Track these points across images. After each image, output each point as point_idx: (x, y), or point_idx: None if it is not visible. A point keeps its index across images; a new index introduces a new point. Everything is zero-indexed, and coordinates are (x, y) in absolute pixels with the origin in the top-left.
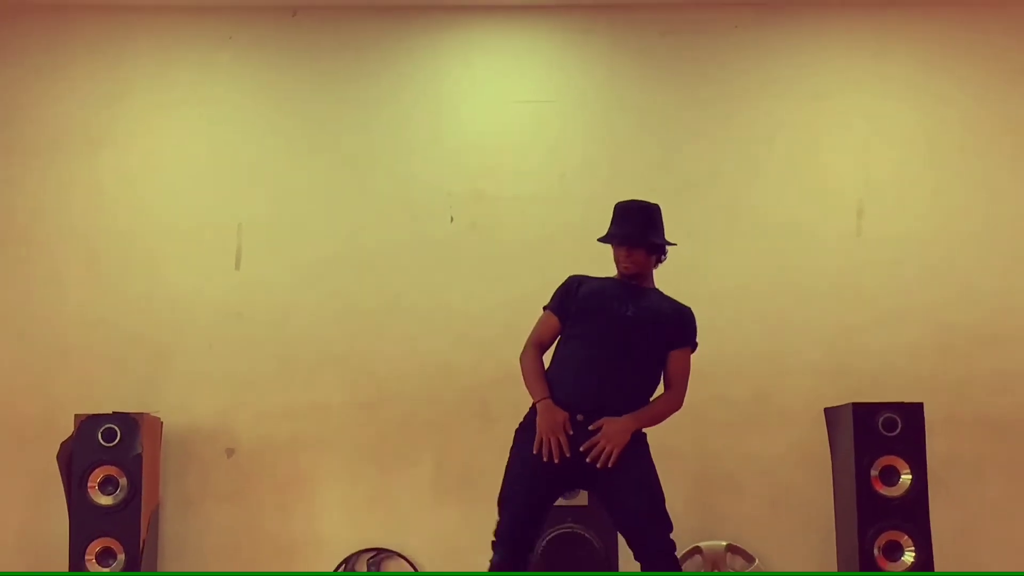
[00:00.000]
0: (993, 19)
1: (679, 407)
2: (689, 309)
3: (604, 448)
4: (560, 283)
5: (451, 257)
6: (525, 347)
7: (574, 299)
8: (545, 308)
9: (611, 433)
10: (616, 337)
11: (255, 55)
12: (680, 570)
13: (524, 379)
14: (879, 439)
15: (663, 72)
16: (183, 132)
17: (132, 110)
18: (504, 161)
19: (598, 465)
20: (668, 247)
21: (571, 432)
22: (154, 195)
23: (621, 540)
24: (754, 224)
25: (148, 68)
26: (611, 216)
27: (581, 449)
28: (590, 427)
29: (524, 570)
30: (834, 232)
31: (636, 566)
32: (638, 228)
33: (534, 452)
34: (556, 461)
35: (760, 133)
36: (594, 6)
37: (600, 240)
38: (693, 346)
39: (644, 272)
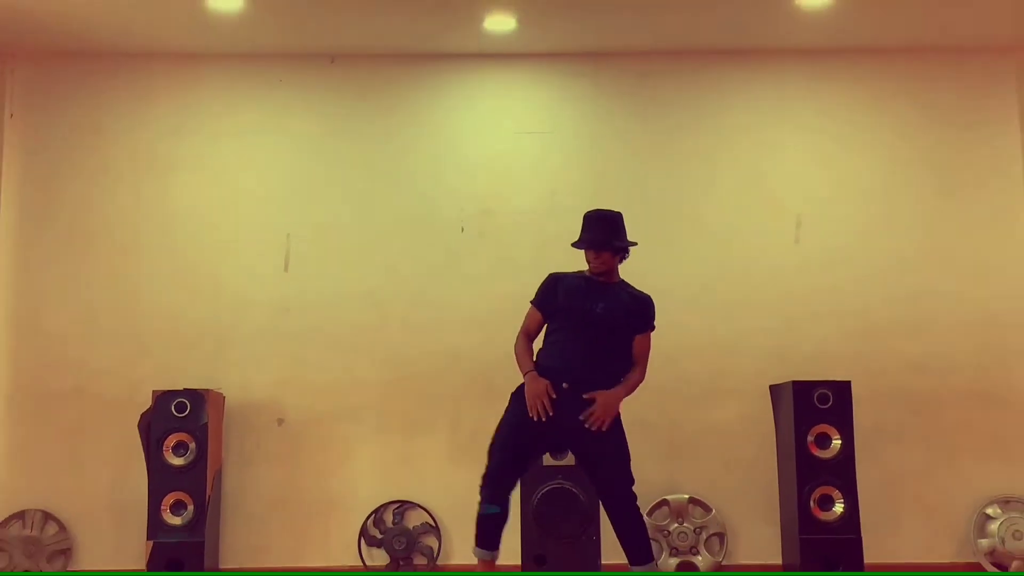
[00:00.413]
0: (910, 67)
1: (643, 379)
2: (648, 297)
3: (600, 416)
4: (543, 280)
5: (462, 261)
6: (517, 337)
7: (554, 296)
8: (531, 303)
9: (605, 404)
10: (590, 329)
11: (301, 95)
12: (639, 515)
13: (516, 360)
14: (814, 411)
15: (637, 108)
16: (241, 158)
17: (200, 140)
18: (506, 182)
19: (593, 429)
20: (630, 247)
21: (554, 396)
22: (217, 210)
23: None
24: (711, 233)
25: (213, 105)
26: (582, 224)
27: (580, 418)
28: (584, 396)
29: (505, 506)
30: (777, 240)
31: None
32: (604, 234)
33: (527, 416)
34: (543, 420)
35: (717, 158)
36: (581, 54)
37: (573, 245)
38: (652, 328)
39: (611, 269)
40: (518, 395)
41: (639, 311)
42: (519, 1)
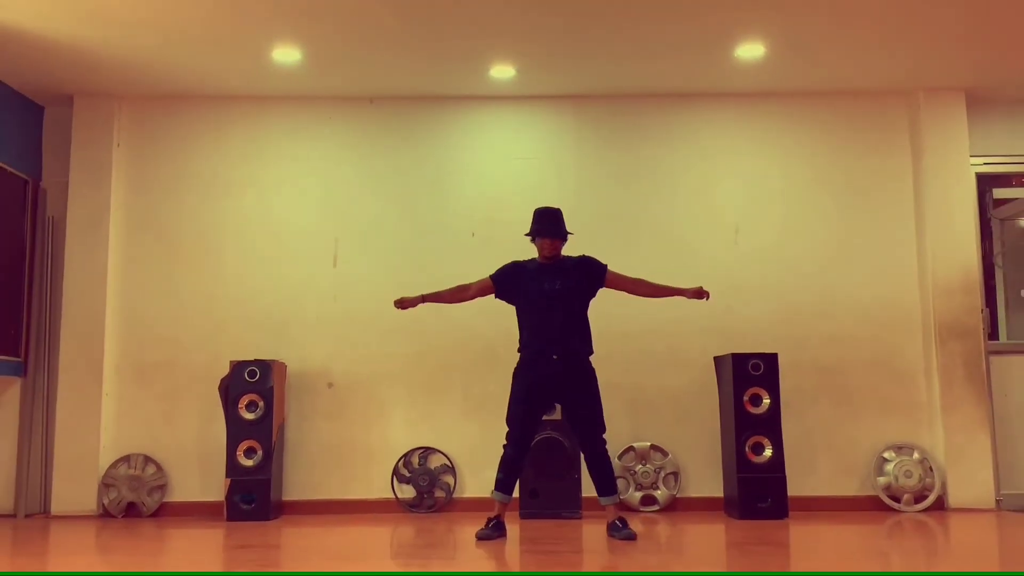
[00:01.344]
0: (825, 106)
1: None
2: (585, 256)
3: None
4: (505, 263)
5: (473, 258)
6: (459, 285)
7: (513, 279)
8: (490, 276)
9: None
10: (554, 304)
11: (347, 128)
12: (607, 457)
13: (452, 295)
14: (749, 377)
15: (611, 140)
16: (299, 178)
17: (266, 164)
18: (506, 196)
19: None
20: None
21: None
22: (279, 219)
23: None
24: (667, 238)
25: (276, 137)
26: (534, 218)
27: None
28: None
29: (525, 458)
30: (719, 242)
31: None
32: (556, 226)
33: (528, 389)
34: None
35: (673, 179)
36: (566, 96)
37: (532, 234)
38: (606, 266)
39: (559, 253)
40: (517, 373)
41: (587, 269)
42: (518, 55)
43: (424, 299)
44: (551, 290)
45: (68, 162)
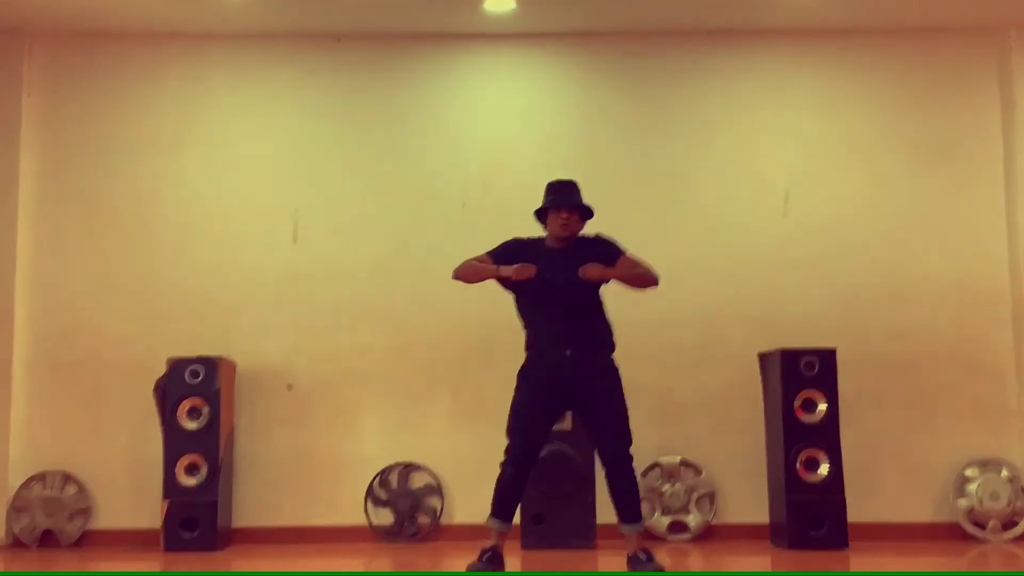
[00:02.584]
0: (893, 48)
1: (650, 273)
2: (599, 236)
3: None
4: (506, 240)
5: (464, 234)
6: (464, 264)
7: (514, 259)
8: (488, 253)
9: (594, 266)
10: (564, 294)
11: (308, 73)
12: (633, 476)
13: (474, 274)
14: (801, 377)
15: (629, 87)
16: (251, 134)
17: (211, 117)
18: (503, 158)
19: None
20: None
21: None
22: (228, 184)
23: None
24: (702, 207)
25: (223, 84)
26: (546, 191)
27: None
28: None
29: (528, 479)
30: (766, 213)
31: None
32: (571, 195)
33: (535, 394)
34: (531, 277)
35: (707, 135)
36: (575, 34)
37: (544, 208)
38: (623, 252)
39: (576, 233)
40: (523, 375)
41: (603, 253)
42: None
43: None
44: (561, 278)
45: None
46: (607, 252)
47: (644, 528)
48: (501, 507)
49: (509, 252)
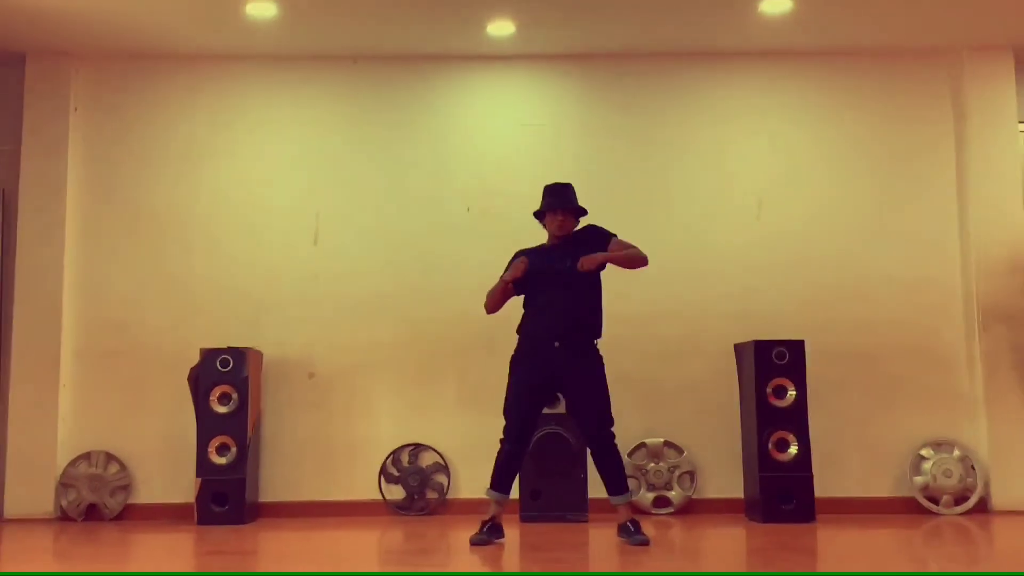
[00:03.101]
0: (857, 67)
1: (640, 255)
2: (589, 226)
3: (585, 261)
4: (512, 257)
5: (468, 236)
6: (486, 301)
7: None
8: (503, 276)
9: (590, 256)
10: (560, 285)
11: (327, 91)
12: (616, 453)
13: (492, 302)
14: (773, 366)
15: (620, 103)
16: (276, 146)
17: (240, 130)
18: (505, 168)
19: (583, 267)
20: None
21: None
22: (255, 191)
23: None
24: (683, 212)
25: (250, 101)
26: (543, 195)
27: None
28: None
29: (525, 455)
30: (740, 218)
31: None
32: (565, 198)
33: (527, 377)
34: (525, 270)
35: (690, 147)
36: (571, 56)
37: (541, 210)
38: (614, 235)
39: (570, 232)
40: (516, 360)
41: (594, 240)
42: (517, 9)
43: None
44: (559, 269)
45: (20, 128)
46: (599, 238)
47: (632, 499)
48: (499, 480)
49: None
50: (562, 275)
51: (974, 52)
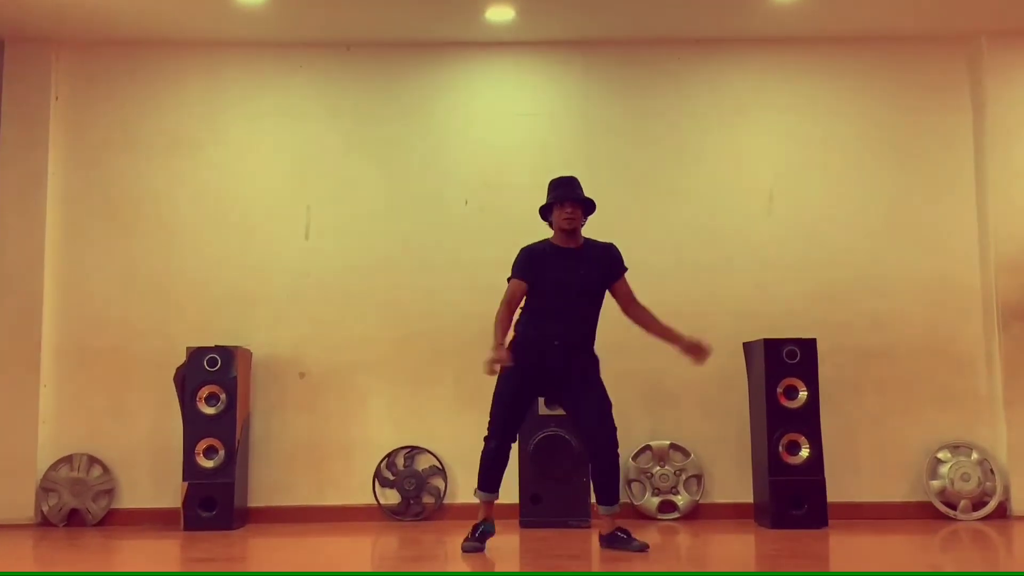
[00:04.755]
0: (871, 55)
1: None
2: (612, 245)
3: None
4: (517, 256)
5: (466, 231)
6: (500, 307)
7: (530, 267)
8: (510, 279)
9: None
10: (574, 294)
11: (320, 79)
12: (616, 462)
13: (494, 327)
14: (783, 365)
15: (623, 91)
16: (266, 137)
17: (228, 120)
18: (504, 159)
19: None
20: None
21: (509, 365)
22: (243, 184)
23: None
24: (689, 205)
25: (239, 89)
26: (549, 188)
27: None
28: (687, 350)
29: (509, 451)
30: (750, 212)
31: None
32: (574, 189)
33: (518, 373)
34: (500, 369)
35: (696, 138)
36: (572, 42)
37: (546, 205)
38: (626, 269)
39: (579, 226)
40: (511, 355)
41: (610, 261)
42: None
43: (502, 343)
44: (575, 278)
45: None
46: (616, 266)
47: (618, 511)
48: (486, 479)
49: (525, 264)
50: (578, 284)
51: (993, 38)
